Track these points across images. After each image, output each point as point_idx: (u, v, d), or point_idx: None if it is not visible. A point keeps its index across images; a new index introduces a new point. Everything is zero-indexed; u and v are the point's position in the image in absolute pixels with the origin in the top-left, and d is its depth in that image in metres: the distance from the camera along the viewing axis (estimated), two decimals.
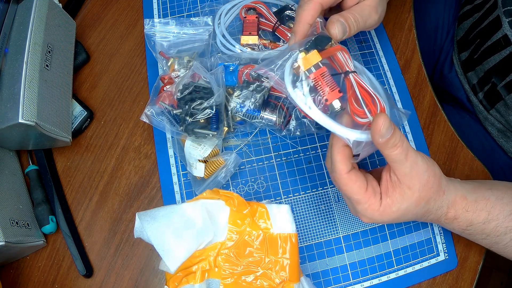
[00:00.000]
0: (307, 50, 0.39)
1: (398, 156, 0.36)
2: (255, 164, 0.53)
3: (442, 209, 0.41)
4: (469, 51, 0.65)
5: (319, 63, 0.39)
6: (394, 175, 0.38)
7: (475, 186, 0.43)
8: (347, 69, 0.39)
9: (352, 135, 0.37)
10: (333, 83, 0.39)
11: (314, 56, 0.39)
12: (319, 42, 0.40)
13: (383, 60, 0.59)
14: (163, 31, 0.55)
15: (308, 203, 0.51)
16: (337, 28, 0.41)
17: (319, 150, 0.54)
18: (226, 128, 0.51)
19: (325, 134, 0.54)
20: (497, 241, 0.42)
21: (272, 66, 0.40)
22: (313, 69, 0.38)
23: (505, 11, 0.57)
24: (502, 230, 0.41)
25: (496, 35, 0.58)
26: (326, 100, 0.38)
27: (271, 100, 0.51)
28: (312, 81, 0.38)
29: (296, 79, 0.39)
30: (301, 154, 0.53)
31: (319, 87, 0.38)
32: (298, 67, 0.39)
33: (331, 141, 0.40)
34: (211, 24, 0.55)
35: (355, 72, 0.39)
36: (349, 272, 0.49)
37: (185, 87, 0.49)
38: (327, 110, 0.38)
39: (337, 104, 0.38)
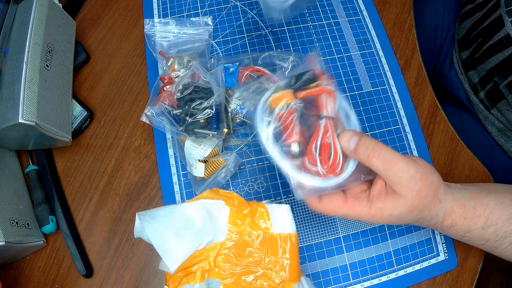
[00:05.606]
0: (284, 88, 0.38)
1: (376, 166, 0.36)
2: (255, 164, 0.53)
3: (437, 217, 0.40)
4: (470, 50, 0.65)
5: (293, 103, 0.38)
6: (385, 182, 0.38)
7: (473, 192, 0.42)
8: (324, 114, 0.38)
9: (297, 176, 0.37)
10: (301, 125, 0.38)
11: (286, 96, 0.38)
12: (302, 80, 0.38)
13: (383, 60, 0.59)
14: (163, 31, 0.55)
15: None
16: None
17: None
18: (226, 130, 0.51)
19: None
20: (496, 245, 0.42)
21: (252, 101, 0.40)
22: (281, 108, 0.38)
23: (508, 10, 0.57)
24: (501, 235, 0.41)
25: (498, 35, 0.58)
26: (285, 140, 0.38)
27: None
28: (276, 120, 0.38)
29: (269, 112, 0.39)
30: None
31: (282, 127, 0.38)
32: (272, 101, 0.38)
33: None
34: (211, 24, 0.55)
35: (331, 118, 0.38)
36: (349, 272, 0.49)
37: (185, 87, 0.49)
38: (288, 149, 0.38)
39: (295, 148, 0.38)
